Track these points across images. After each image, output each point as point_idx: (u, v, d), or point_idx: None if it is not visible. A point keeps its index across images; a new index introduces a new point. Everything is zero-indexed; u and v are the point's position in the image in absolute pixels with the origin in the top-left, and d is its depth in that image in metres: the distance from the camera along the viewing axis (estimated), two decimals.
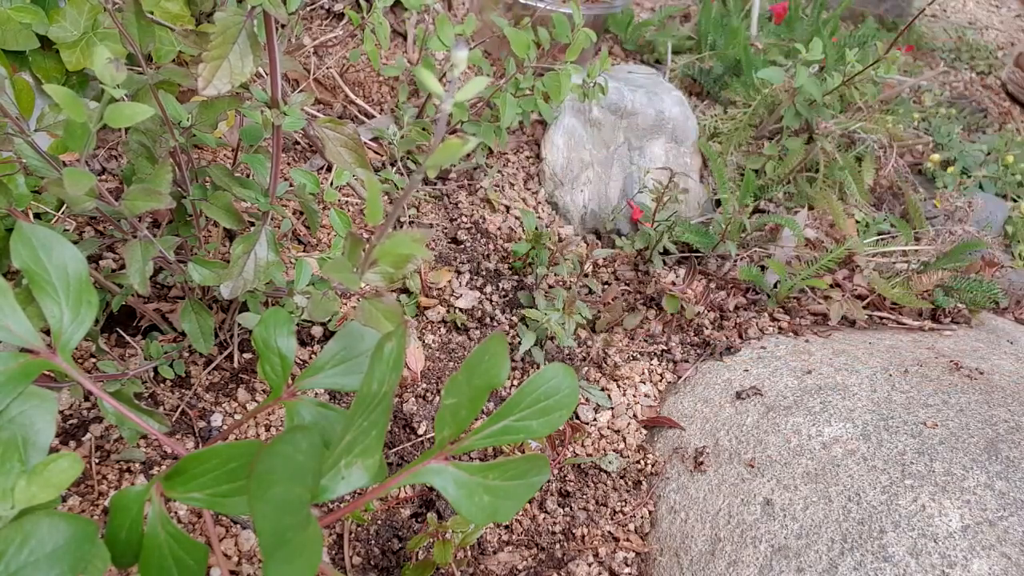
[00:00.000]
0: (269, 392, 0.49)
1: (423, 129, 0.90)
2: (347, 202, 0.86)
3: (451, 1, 1.08)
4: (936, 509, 0.56)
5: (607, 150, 0.97)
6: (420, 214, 0.87)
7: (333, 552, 0.60)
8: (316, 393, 0.67)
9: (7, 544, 0.30)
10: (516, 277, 0.82)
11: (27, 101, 0.72)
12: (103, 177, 0.81)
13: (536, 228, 0.80)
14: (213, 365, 0.69)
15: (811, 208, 1.07)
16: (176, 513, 0.59)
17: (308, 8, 1.06)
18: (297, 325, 0.70)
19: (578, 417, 0.73)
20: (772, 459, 0.64)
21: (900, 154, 1.21)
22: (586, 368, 0.77)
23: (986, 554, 0.53)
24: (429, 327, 0.77)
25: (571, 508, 0.66)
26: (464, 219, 0.86)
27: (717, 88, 1.22)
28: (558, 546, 0.64)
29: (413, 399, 0.71)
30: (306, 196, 0.62)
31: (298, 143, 0.90)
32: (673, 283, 0.87)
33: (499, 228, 0.87)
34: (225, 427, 0.65)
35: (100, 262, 0.73)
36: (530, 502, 0.66)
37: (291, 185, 0.62)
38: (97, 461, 0.61)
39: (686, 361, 0.81)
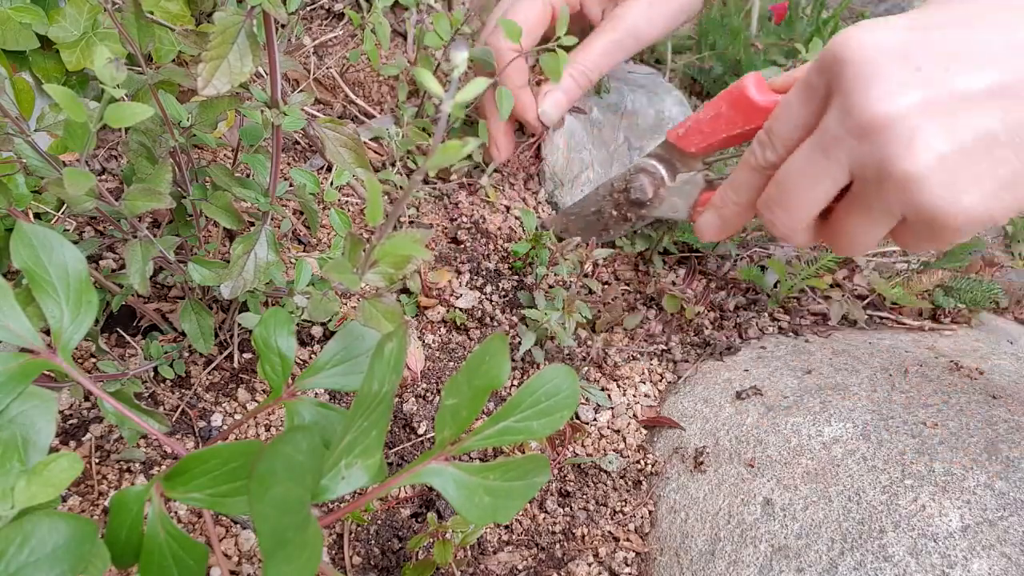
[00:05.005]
0: (269, 392, 0.49)
1: (423, 129, 0.90)
2: (347, 202, 0.86)
3: (451, 1, 1.08)
4: (936, 509, 0.56)
5: (607, 150, 0.97)
6: (420, 214, 0.87)
7: (333, 552, 0.60)
8: (316, 393, 0.67)
9: (7, 544, 0.30)
10: (516, 277, 0.82)
11: (27, 101, 0.72)
12: (103, 177, 0.81)
13: (536, 228, 0.80)
14: (213, 365, 0.69)
15: None
16: (176, 513, 0.59)
17: (308, 8, 1.06)
18: (297, 325, 0.70)
19: (578, 417, 0.73)
20: (772, 459, 0.64)
21: None
22: (586, 368, 0.77)
23: (986, 554, 0.53)
24: (429, 327, 0.77)
25: (571, 508, 0.66)
26: (464, 219, 0.86)
27: (717, 88, 1.21)
28: (558, 546, 0.64)
29: (413, 399, 0.71)
30: (306, 196, 0.62)
31: (298, 143, 0.90)
32: (673, 283, 0.87)
33: (499, 228, 0.87)
34: (225, 427, 0.65)
35: (100, 262, 0.73)
36: (530, 502, 0.66)
37: (291, 185, 0.62)
38: (97, 461, 0.61)
39: (686, 361, 0.81)
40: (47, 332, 0.39)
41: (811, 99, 0.53)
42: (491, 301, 0.79)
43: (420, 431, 0.69)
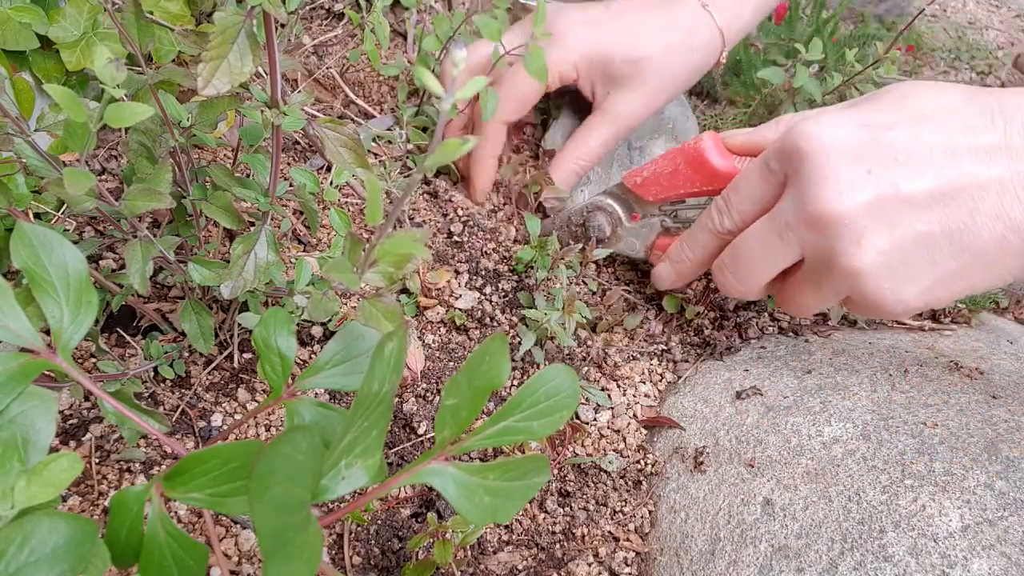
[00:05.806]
0: (269, 392, 0.49)
1: (423, 129, 0.90)
2: (347, 202, 0.86)
3: (451, 1, 1.08)
4: (936, 509, 0.56)
5: None
6: (414, 210, 0.87)
7: (333, 552, 0.60)
8: (316, 393, 0.67)
9: (7, 544, 0.30)
10: (516, 277, 0.82)
11: (27, 101, 0.72)
12: (103, 177, 0.81)
13: (539, 235, 0.81)
14: (213, 365, 0.69)
15: None
16: (176, 513, 0.59)
17: (308, 8, 1.06)
18: (297, 325, 0.70)
19: (578, 417, 0.73)
20: (772, 459, 0.64)
21: None
22: (586, 368, 0.77)
23: (986, 554, 0.53)
24: (429, 327, 0.77)
25: (571, 508, 0.66)
26: (460, 212, 0.86)
27: (717, 88, 1.21)
28: (558, 546, 0.64)
29: (413, 399, 0.71)
30: (306, 196, 0.62)
31: (298, 143, 0.90)
32: None
33: (498, 227, 0.87)
34: (225, 427, 0.65)
35: (100, 262, 0.73)
36: (530, 502, 0.66)
37: (291, 185, 0.62)
38: (97, 461, 0.61)
39: (686, 361, 0.81)
40: (47, 332, 0.39)
41: (769, 181, 0.60)
42: (491, 301, 0.79)
43: (420, 431, 0.69)
